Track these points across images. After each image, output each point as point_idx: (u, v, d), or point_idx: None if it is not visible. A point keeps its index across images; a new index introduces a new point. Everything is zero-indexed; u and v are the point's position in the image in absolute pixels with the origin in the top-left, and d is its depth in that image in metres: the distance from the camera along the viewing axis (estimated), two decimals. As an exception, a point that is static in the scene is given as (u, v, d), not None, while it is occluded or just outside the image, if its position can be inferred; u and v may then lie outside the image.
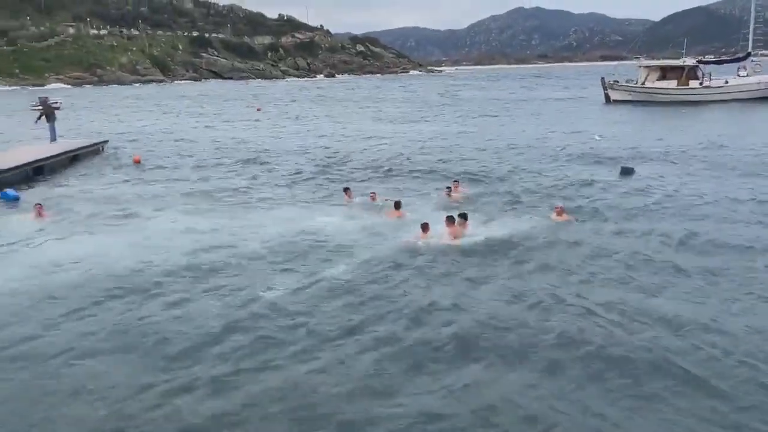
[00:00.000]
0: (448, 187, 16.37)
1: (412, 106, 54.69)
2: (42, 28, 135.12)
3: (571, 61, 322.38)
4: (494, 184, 18.21)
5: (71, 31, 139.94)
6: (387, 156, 24.31)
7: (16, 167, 20.33)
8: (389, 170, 21.03)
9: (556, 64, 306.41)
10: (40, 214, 14.61)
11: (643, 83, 50.88)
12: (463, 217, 12.59)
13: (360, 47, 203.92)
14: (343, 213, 14.77)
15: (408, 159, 23.56)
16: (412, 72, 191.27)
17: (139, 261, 11.25)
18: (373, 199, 15.63)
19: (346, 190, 16.62)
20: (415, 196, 16.36)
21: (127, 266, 10.99)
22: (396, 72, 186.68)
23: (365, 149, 26.76)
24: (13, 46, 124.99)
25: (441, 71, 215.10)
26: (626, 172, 18.98)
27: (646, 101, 48.39)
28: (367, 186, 17.96)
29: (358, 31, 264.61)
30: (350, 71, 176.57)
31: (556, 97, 59.95)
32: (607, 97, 50.65)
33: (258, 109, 53.05)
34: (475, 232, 12.51)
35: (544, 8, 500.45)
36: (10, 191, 17.27)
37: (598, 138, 27.61)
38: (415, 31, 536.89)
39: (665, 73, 51.04)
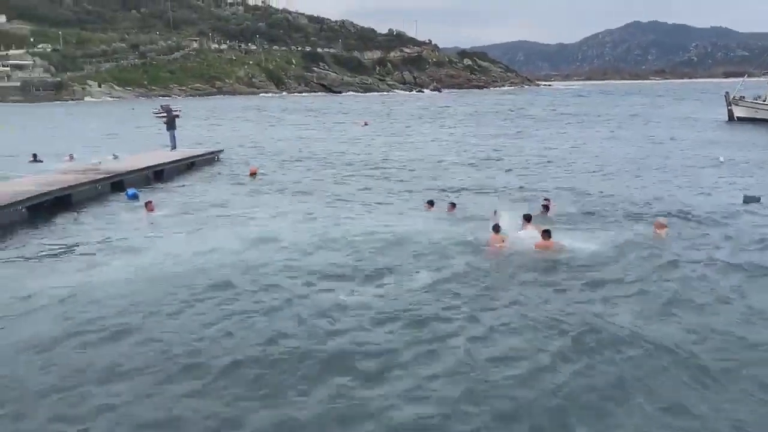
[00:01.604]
0: (545, 205, 15.91)
1: (516, 121, 53.68)
2: (169, 42, 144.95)
3: (691, 77, 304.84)
4: (600, 202, 17.49)
5: (195, 45, 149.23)
6: (483, 171, 24.16)
7: (139, 170, 22.42)
8: (481, 187, 20.73)
9: (675, 80, 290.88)
10: (150, 210, 16.49)
11: (772, 100, 47.19)
12: (548, 233, 12.43)
13: (467, 61, 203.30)
14: (440, 223, 14.74)
15: (507, 173, 23.27)
16: (520, 86, 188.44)
17: (232, 256, 12.04)
18: (450, 210, 15.82)
19: (430, 202, 16.76)
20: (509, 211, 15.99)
21: (221, 261, 11.76)
22: (502, 86, 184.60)
23: (463, 163, 26.64)
24: (143, 59, 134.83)
25: (550, 86, 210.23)
26: (750, 200, 17.05)
27: (775, 120, 44.82)
28: (475, 201, 17.78)
29: (466, 45, 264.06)
30: (457, 85, 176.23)
31: (674, 115, 56.87)
32: (731, 114, 47.40)
33: (365, 124, 53.97)
34: (570, 245, 12.36)
35: (663, 22, 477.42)
36: (131, 190, 19.17)
37: (722, 160, 25.70)
38: (524, 45, 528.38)
39: (798, 90, 47.14)
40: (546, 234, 12.44)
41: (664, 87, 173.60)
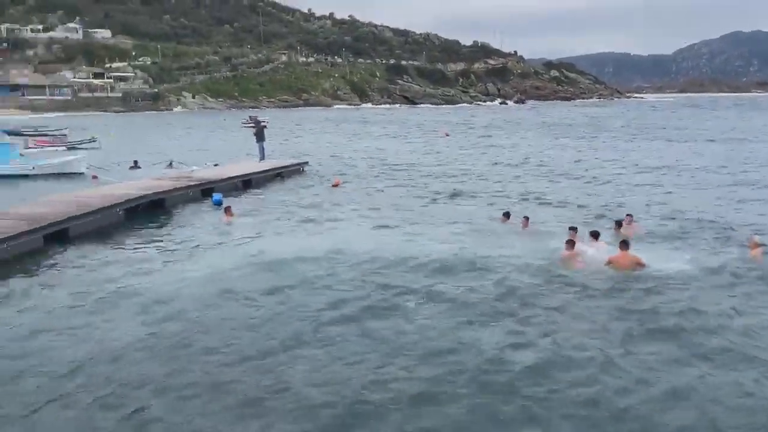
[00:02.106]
0: (617, 222, 15.35)
1: (598, 134, 52.05)
2: (259, 56, 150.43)
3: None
4: (686, 218, 16.77)
5: (284, 58, 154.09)
6: (560, 183, 23.86)
7: (229, 178, 23.55)
8: (558, 200, 20.32)
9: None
10: (229, 215, 17.23)
11: None
12: (626, 244, 12.00)
13: (554, 72, 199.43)
14: (513, 237, 14.64)
15: (585, 186, 22.90)
16: (609, 98, 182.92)
17: (301, 259, 12.59)
18: (524, 225, 15.48)
19: (506, 214, 16.54)
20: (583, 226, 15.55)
21: (295, 264, 12.33)
22: (590, 98, 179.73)
23: (541, 175, 26.36)
24: (234, 72, 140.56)
25: (642, 98, 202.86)
26: None
27: None
28: (551, 214, 17.49)
29: (552, 57, 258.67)
30: (542, 97, 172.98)
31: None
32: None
33: (446, 134, 54.02)
34: (649, 261, 11.86)
35: (766, 31, 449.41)
36: (216, 195, 19.89)
37: None
38: (614, 56, 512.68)
39: None
40: (624, 245, 11.98)
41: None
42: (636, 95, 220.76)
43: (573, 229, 13.71)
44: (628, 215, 15.88)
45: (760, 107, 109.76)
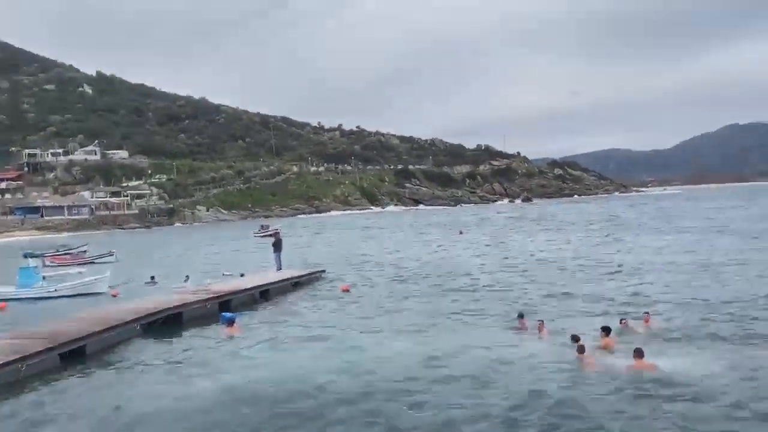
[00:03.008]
0: (622, 320, 15.24)
1: (606, 229, 52.36)
2: (271, 168, 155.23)
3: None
4: (704, 315, 16.53)
5: (295, 169, 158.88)
6: (571, 280, 23.95)
7: (246, 290, 23.65)
8: (568, 293, 20.37)
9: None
10: (232, 328, 17.25)
11: None
12: (640, 353, 11.62)
13: (558, 171, 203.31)
14: (526, 343, 14.53)
15: (597, 282, 22.87)
16: (614, 193, 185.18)
17: (298, 381, 12.20)
18: (540, 329, 15.18)
19: (521, 315, 16.47)
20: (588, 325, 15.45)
21: (295, 384, 11.99)
22: (596, 193, 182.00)
23: (551, 270, 26.48)
24: (247, 184, 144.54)
25: (646, 192, 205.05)
26: None
27: None
28: (564, 312, 17.45)
29: (556, 155, 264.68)
30: (548, 195, 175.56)
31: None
32: None
33: (460, 233, 54.63)
34: (669, 367, 11.56)
35: (764, 122, 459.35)
36: (226, 314, 19.06)
37: None
38: (616, 152, 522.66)
39: None
40: (638, 354, 11.64)
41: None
42: (641, 189, 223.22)
43: (575, 338, 13.38)
44: (646, 312, 15.84)
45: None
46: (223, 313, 19.44)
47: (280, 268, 29.48)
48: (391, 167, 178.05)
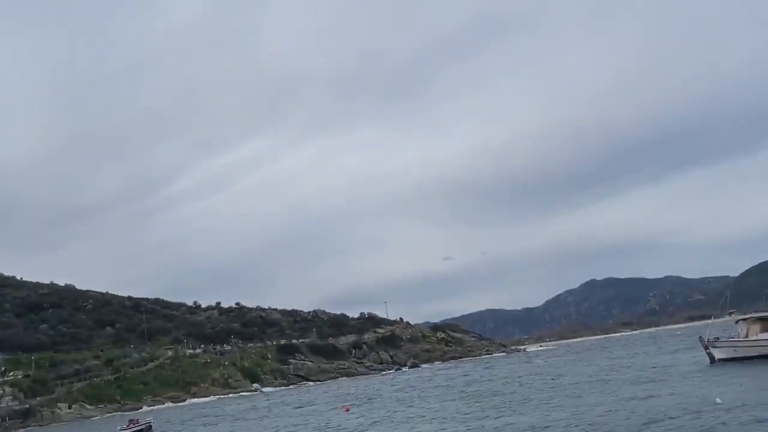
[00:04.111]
0: None
1: (500, 395, 52.69)
2: (143, 354, 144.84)
3: (657, 326, 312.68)
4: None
5: (169, 353, 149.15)
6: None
7: None
8: None
9: (643, 330, 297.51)
10: None
11: (746, 337, 48.14)
12: None
13: (440, 334, 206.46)
14: None
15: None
16: (495, 354, 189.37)
17: None
18: None
19: None
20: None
21: None
22: (480, 355, 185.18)
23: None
24: (116, 374, 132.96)
25: (524, 349, 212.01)
26: None
27: (756, 356, 45.18)
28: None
29: (436, 319, 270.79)
30: (433, 359, 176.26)
31: (654, 363, 56.96)
32: (711, 357, 47.76)
33: (346, 409, 52.31)
34: None
35: (617, 277, 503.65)
36: None
37: (719, 401, 25.21)
38: (492, 312, 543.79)
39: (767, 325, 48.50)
40: None
41: (635, 338, 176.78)
42: (520, 347, 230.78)
43: None
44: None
45: (634, 344, 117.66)
46: None
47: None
48: (274, 343, 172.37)
